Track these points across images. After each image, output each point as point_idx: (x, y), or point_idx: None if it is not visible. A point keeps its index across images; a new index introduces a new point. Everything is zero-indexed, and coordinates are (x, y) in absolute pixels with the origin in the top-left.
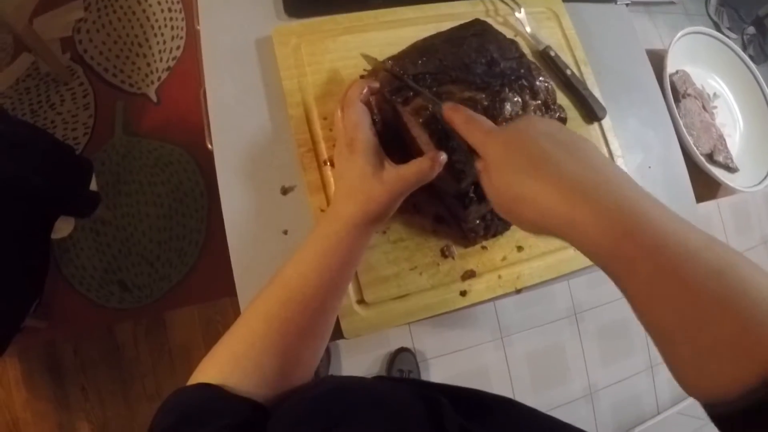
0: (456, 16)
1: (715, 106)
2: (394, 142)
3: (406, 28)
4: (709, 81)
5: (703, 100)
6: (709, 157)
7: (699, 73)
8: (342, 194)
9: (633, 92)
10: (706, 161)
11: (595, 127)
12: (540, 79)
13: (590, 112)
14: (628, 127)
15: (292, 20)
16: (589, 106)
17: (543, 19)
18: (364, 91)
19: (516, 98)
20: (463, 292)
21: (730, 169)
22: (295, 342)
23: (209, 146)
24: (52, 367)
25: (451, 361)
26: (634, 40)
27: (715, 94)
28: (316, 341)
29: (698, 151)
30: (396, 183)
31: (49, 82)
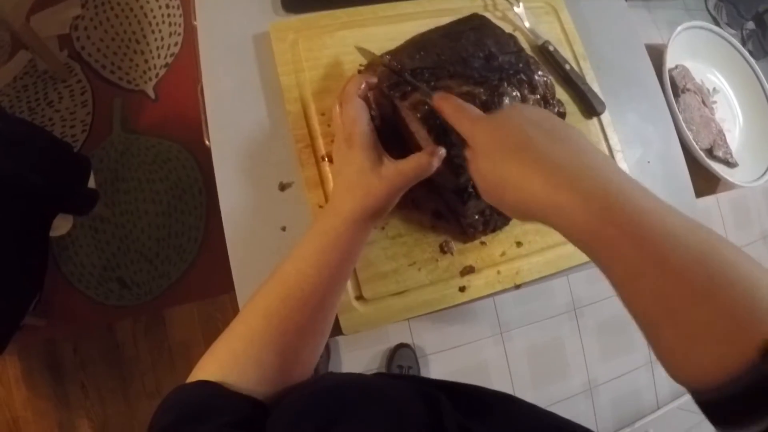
0: (455, 11)
1: (714, 101)
2: (393, 137)
3: (405, 23)
4: (709, 76)
5: (703, 95)
6: (709, 152)
7: (698, 68)
8: (340, 190)
9: (632, 87)
10: (706, 156)
11: (594, 122)
12: (539, 73)
13: (589, 106)
14: (628, 122)
15: (290, 15)
16: (588, 100)
17: (541, 13)
18: (363, 86)
19: (514, 93)
20: (462, 288)
21: (729, 164)
22: (294, 339)
23: (207, 143)
24: (52, 365)
25: (450, 357)
26: (633, 34)
27: (715, 89)
28: (315, 338)
29: (698, 146)
30: (395, 178)
31: (47, 80)
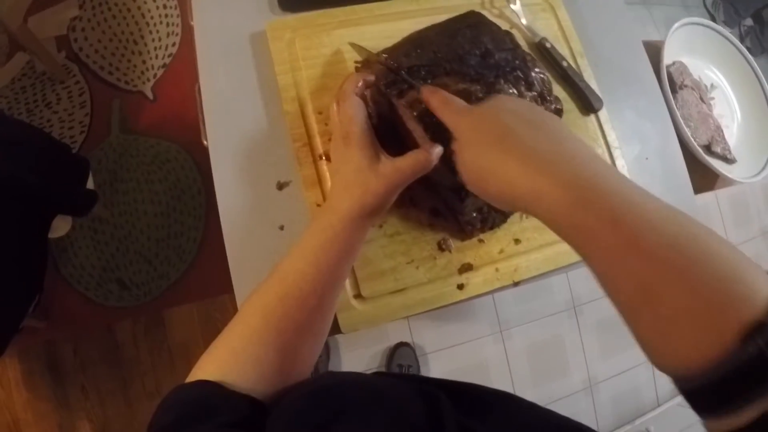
0: (451, 9)
1: (712, 97)
2: (390, 135)
3: (402, 21)
4: (707, 72)
5: (701, 91)
6: (707, 148)
7: (696, 64)
8: (338, 188)
9: (630, 84)
10: (704, 152)
11: (592, 118)
12: (535, 70)
13: (587, 103)
14: (625, 119)
15: (286, 14)
16: (586, 97)
17: (538, 11)
18: (359, 84)
19: (511, 90)
20: (461, 286)
21: (727, 160)
22: (293, 337)
23: (204, 142)
24: (52, 367)
25: (450, 356)
26: (630, 31)
27: (713, 85)
28: (314, 336)
29: (696, 142)
30: (392, 175)
31: (45, 81)
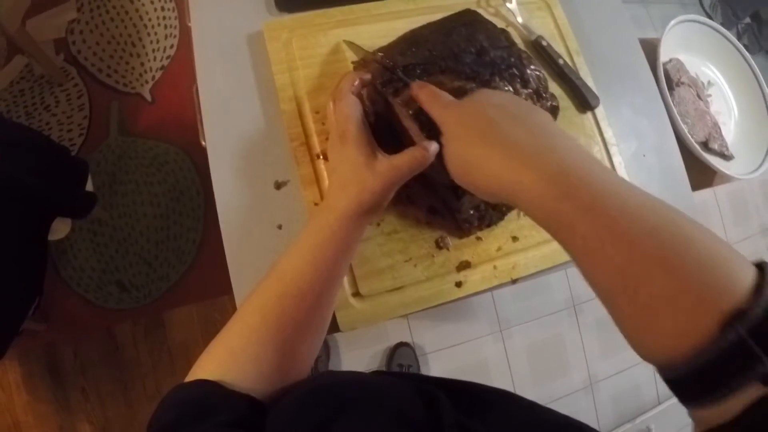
0: (447, 8)
1: (709, 94)
2: (387, 133)
3: (398, 21)
4: (703, 69)
5: (697, 88)
6: (704, 145)
7: (693, 61)
8: (335, 187)
9: (626, 81)
10: (701, 149)
11: (589, 116)
12: (531, 67)
13: (583, 101)
14: (622, 116)
15: (283, 15)
16: (582, 95)
17: (534, 9)
18: (356, 83)
19: (507, 87)
20: (459, 283)
21: (725, 156)
22: (291, 335)
23: (203, 143)
24: (52, 370)
25: (450, 355)
26: (626, 28)
27: (710, 82)
28: (312, 334)
29: (693, 139)
30: (389, 173)
31: (44, 84)
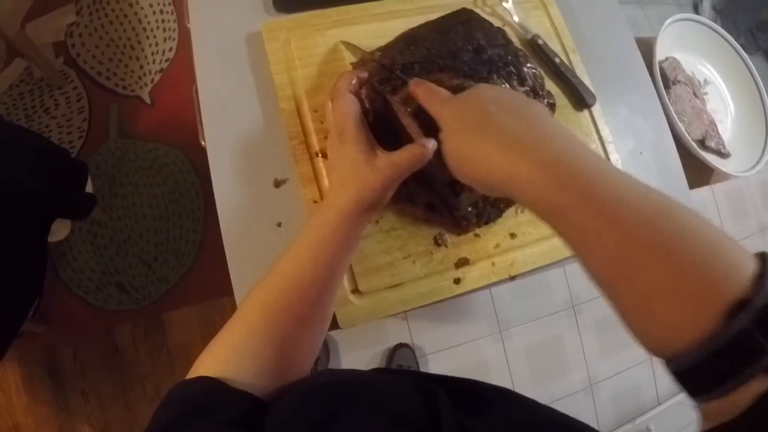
0: (444, 8)
1: (705, 93)
2: (385, 131)
3: (395, 21)
4: (699, 67)
5: (694, 87)
6: (701, 143)
7: (689, 59)
8: (335, 184)
9: (623, 79)
10: (698, 147)
11: (585, 114)
12: (527, 65)
13: (580, 99)
14: (619, 114)
15: (281, 15)
16: (579, 93)
17: (530, 8)
18: (353, 81)
19: (504, 85)
20: (457, 280)
21: (722, 154)
22: (292, 332)
23: (202, 143)
24: (52, 371)
25: (449, 356)
26: (622, 27)
27: (706, 80)
28: (313, 332)
29: (690, 137)
30: (388, 170)
31: (43, 87)
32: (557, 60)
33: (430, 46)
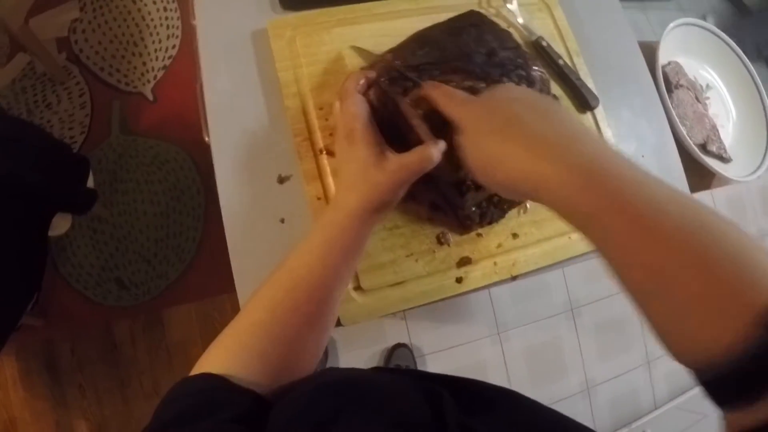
0: (448, 8)
1: (707, 97)
2: (394, 132)
3: (399, 20)
4: (701, 72)
5: (696, 91)
6: (703, 147)
7: (691, 64)
8: (344, 185)
9: (625, 83)
10: (700, 151)
11: (588, 116)
12: (534, 68)
13: (583, 101)
14: (621, 117)
15: (287, 13)
16: (582, 95)
17: (534, 10)
18: (361, 82)
19: None
20: (459, 279)
21: (723, 159)
22: (298, 331)
23: (206, 139)
24: (50, 366)
25: (448, 357)
26: (626, 30)
27: (708, 85)
28: (319, 331)
29: (691, 141)
30: (398, 171)
31: (46, 82)
32: (561, 62)
33: (444, 47)
